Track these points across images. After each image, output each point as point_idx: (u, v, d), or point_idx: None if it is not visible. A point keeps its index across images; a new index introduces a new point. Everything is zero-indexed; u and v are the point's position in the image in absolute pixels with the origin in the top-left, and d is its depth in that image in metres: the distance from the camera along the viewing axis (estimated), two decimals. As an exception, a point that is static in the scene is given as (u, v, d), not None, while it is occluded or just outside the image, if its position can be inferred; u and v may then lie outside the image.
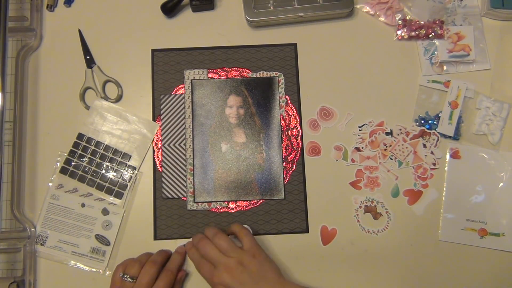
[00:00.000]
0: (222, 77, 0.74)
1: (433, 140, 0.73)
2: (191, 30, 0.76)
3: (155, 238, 0.70)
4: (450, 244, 0.70)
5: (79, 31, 0.75)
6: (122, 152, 0.72)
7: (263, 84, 0.74)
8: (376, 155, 0.72)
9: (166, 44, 0.75)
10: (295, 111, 0.74)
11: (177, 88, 0.74)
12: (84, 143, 0.72)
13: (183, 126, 0.73)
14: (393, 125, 0.73)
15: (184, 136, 0.73)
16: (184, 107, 0.74)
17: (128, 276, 0.63)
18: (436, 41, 0.75)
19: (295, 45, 0.75)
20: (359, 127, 0.73)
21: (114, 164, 0.72)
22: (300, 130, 0.73)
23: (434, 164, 0.72)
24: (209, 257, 0.63)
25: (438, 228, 0.71)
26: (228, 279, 0.60)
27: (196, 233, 0.70)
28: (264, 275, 0.62)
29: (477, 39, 0.75)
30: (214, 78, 0.74)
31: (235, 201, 0.71)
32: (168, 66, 0.75)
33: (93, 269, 0.69)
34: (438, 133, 0.73)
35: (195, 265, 0.66)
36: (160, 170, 0.72)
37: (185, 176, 0.72)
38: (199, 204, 0.71)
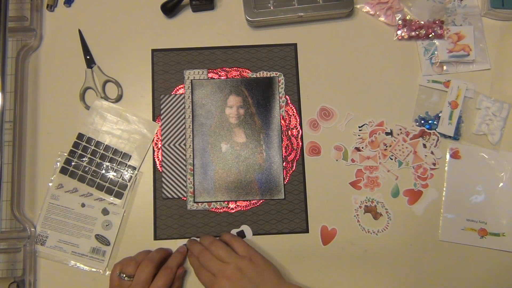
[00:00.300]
0: (222, 77, 0.74)
1: (433, 140, 0.73)
2: (191, 30, 0.76)
3: (155, 238, 0.70)
4: (450, 244, 0.70)
5: (79, 31, 0.75)
6: (122, 152, 0.72)
7: (263, 84, 0.74)
8: (376, 155, 0.72)
9: (166, 44, 0.75)
10: (295, 111, 0.74)
11: (177, 88, 0.74)
12: (84, 143, 0.72)
13: (183, 126, 0.73)
14: (393, 125, 0.73)
15: (184, 136, 0.73)
16: (184, 107, 0.74)
17: (125, 275, 0.63)
18: (436, 41, 0.75)
19: (295, 45, 0.75)
20: (359, 127, 0.73)
21: (114, 164, 0.72)
22: (300, 130, 0.73)
23: (434, 164, 0.72)
24: (208, 267, 0.63)
25: (438, 228, 0.71)
26: (228, 287, 0.60)
27: (194, 237, 0.70)
28: (264, 279, 0.62)
29: (477, 39, 0.75)
30: (214, 78, 0.74)
31: (235, 201, 0.71)
32: (168, 66, 0.75)
33: (93, 269, 0.69)
34: (438, 133, 0.73)
35: (195, 272, 0.66)
36: (160, 170, 0.72)
37: (185, 176, 0.72)
38: (199, 204, 0.71)
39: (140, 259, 0.65)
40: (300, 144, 0.73)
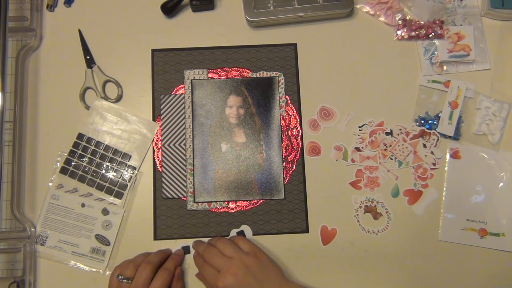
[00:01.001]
0: (222, 77, 0.74)
1: (433, 140, 0.73)
2: (191, 30, 0.76)
3: (155, 238, 0.70)
4: (450, 244, 0.70)
5: (79, 31, 0.75)
6: (122, 152, 0.72)
7: (263, 84, 0.74)
8: (376, 155, 0.72)
9: (166, 44, 0.75)
10: (295, 111, 0.74)
11: (177, 88, 0.74)
12: (84, 143, 0.72)
13: (183, 126, 0.73)
14: (393, 125, 0.73)
15: (184, 136, 0.73)
16: (184, 107, 0.74)
17: (123, 278, 0.63)
18: (436, 41, 0.75)
19: (295, 45, 0.75)
20: (359, 127, 0.73)
21: (114, 164, 0.72)
22: (300, 130, 0.73)
23: (434, 164, 0.72)
24: (213, 262, 0.63)
25: (438, 228, 0.71)
26: (233, 282, 0.60)
27: (194, 237, 0.70)
28: (268, 276, 0.62)
29: (477, 39, 0.75)
30: (214, 78, 0.74)
31: (235, 201, 0.71)
32: (168, 66, 0.75)
33: (93, 269, 0.69)
34: (438, 133, 0.73)
35: (199, 269, 0.66)
36: (160, 170, 0.72)
37: (185, 176, 0.72)
38: (199, 204, 0.71)
39: (139, 261, 0.65)
40: (300, 144, 0.73)
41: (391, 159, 0.72)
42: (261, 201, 0.71)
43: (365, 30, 0.76)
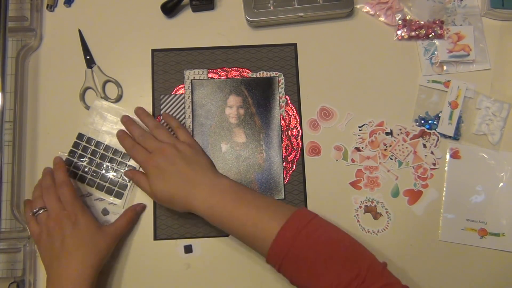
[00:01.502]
0: (222, 77, 0.74)
1: (433, 140, 0.73)
2: (191, 30, 0.76)
3: (155, 238, 0.70)
4: (450, 244, 0.70)
5: (79, 31, 0.75)
6: (122, 152, 0.72)
7: (263, 84, 0.74)
8: (376, 155, 0.72)
9: (166, 44, 0.75)
10: (295, 111, 0.74)
11: (177, 88, 0.74)
12: (84, 143, 0.72)
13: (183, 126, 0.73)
14: (393, 125, 0.73)
15: (184, 136, 0.73)
16: (184, 107, 0.74)
17: (38, 210, 0.64)
18: (436, 41, 0.75)
19: (295, 45, 0.75)
20: (359, 127, 0.73)
21: (114, 164, 0.72)
22: (300, 130, 0.73)
23: (434, 164, 0.72)
24: (145, 144, 0.65)
25: (438, 228, 0.71)
26: (161, 160, 0.62)
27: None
28: (198, 160, 0.65)
29: (477, 39, 0.75)
30: (214, 78, 0.74)
31: (235, 201, 0.71)
32: (168, 66, 0.75)
33: (93, 269, 0.69)
34: (438, 133, 0.73)
35: (128, 151, 0.66)
36: (160, 170, 0.72)
37: (185, 176, 0.72)
38: (199, 204, 0.71)
39: (38, 192, 0.66)
40: (300, 144, 0.73)
41: (391, 159, 0.72)
42: (261, 201, 0.71)
43: (365, 30, 0.76)
